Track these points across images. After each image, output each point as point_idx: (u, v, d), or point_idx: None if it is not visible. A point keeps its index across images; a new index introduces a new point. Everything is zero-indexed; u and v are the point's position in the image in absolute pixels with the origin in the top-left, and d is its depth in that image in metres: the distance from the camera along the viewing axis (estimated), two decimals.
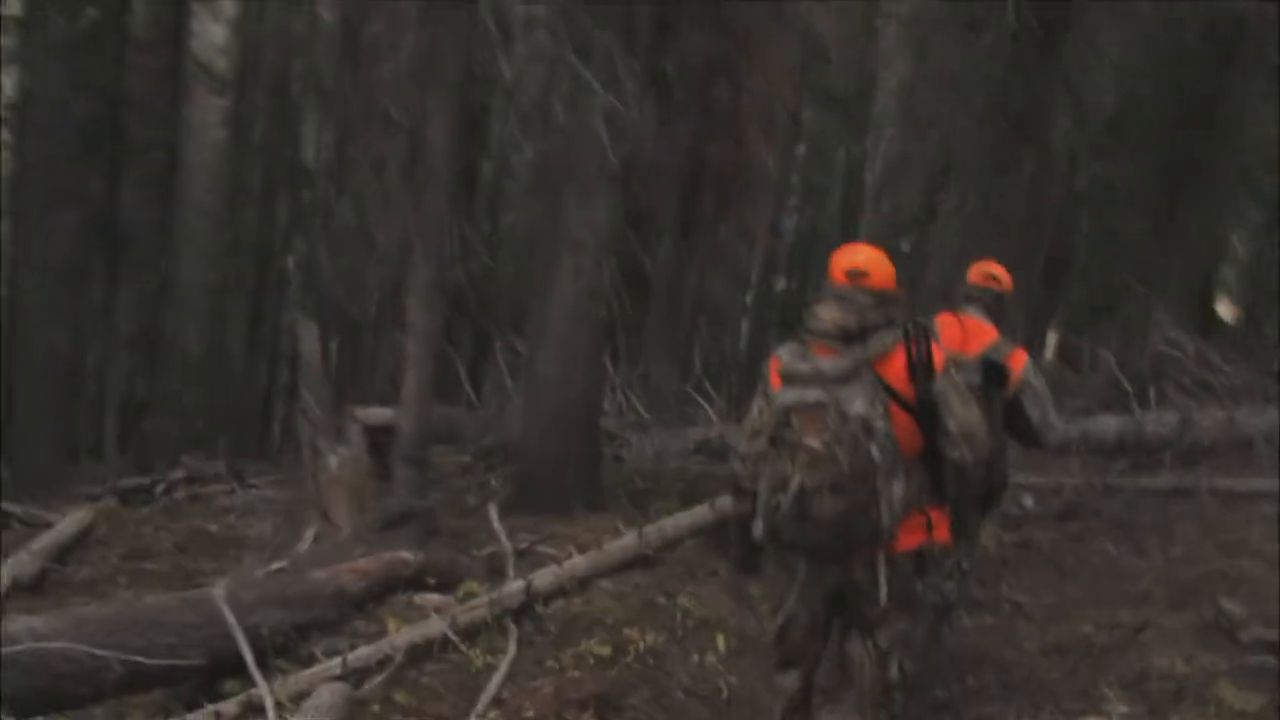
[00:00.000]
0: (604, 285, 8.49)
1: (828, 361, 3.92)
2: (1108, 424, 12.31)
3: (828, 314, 3.99)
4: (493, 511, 8.31)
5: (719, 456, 13.38)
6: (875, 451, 3.80)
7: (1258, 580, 8.22)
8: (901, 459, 3.95)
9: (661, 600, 7.00)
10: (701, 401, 15.47)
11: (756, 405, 4.22)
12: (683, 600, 7.00)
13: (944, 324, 5.44)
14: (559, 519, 8.44)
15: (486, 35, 7.96)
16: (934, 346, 4.07)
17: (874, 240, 23.48)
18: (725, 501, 7.44)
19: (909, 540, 4.09)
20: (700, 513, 7.77)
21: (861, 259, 4.16)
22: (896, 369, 3.99)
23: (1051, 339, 25.23)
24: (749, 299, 25.57)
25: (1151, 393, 12.71)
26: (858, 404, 3.82)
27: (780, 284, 28.94)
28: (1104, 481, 11.36)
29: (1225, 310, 23.29)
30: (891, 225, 21.78)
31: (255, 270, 23.57)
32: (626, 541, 7.45)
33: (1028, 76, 12.74)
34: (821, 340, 3.98)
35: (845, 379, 3.86)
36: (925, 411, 4.00)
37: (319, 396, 8.70)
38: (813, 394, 3.87)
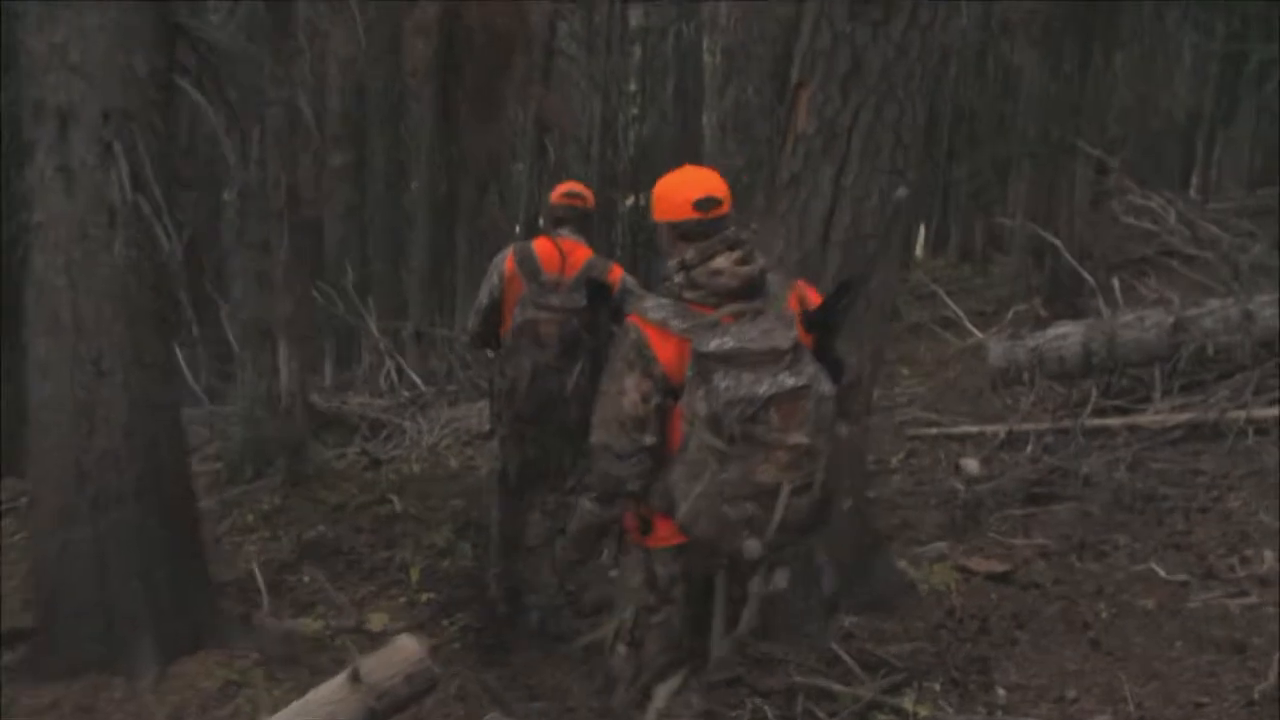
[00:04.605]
0: (124, 210, 3.77)
1: (756, 328, 2.97)
2: (1066, 336, 7.90)
3: (729, 266, 3.04)
4: None
5: None
6: (844, 433, 3.13)
7: None
8: None
9: None
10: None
11: (632, 388, 3.04)
12: None
13: (541, 248, 4.82)
14: (103, 691, 3.79)
15: None
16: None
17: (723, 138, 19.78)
18: (388, 660, 3.03)
19: None
20: (326, 696, 3.11)
21: (710, 184, 3.15)
22: None
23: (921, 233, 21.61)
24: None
25: (1116, 283, 8.38)
26: (824, 381, 3.01)
27: (629, 202, 24.70)
28: (1082, 424, 7.02)
29: None
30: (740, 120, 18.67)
31: None
32: None
33: None
34: (729, 300, 3.02)
35: (800, 352, 2.99)
36: (829, 366, 3.07)
37: None
38: (789, 379, 2.94)
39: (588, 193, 5.16)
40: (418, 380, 10.00)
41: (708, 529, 2.99)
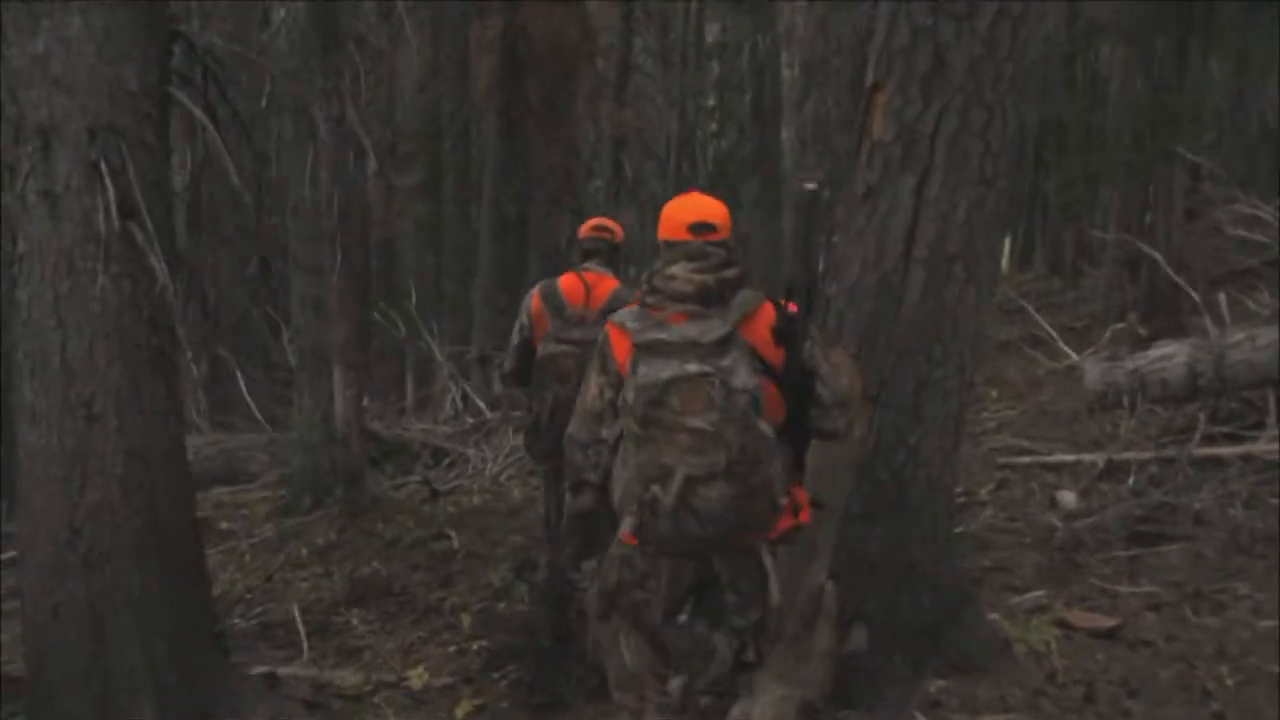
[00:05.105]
0: (112, 238, 3.34)
1: (696, 327, 3.13)
2: (1169, 356, 7.22)
3: (683, 274, 3.22)
4: None
5: None
6: (766, 428, 3.10)
7: None
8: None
9: None
10: None
11: (594, 383, 3.36)
12: None
13: (566, 283, 4.88)
14: None
15: None
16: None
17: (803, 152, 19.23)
18: None
19: (779, 525, 3.28)
20: None
21: (707, 211, 3.35)
22: (760, 331, 3.22)
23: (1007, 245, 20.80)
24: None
25: (1222, 300, 7.69)
26: (742, 375, 3.10)
27: None
28: (1190, 453, 6.36)
29: None
30: (819, 134, 18.04)
31: None
32: None
33: None
34: (679, 304, 3.20)
35: (723, 347, 3.11)
36: (798, 379, 3.24)
37: None
38: (693, 366, 3.08)
39: (616, 226, 5.27)
40: (482, 406, 9.57)
41: (626, 511, 3.13)
